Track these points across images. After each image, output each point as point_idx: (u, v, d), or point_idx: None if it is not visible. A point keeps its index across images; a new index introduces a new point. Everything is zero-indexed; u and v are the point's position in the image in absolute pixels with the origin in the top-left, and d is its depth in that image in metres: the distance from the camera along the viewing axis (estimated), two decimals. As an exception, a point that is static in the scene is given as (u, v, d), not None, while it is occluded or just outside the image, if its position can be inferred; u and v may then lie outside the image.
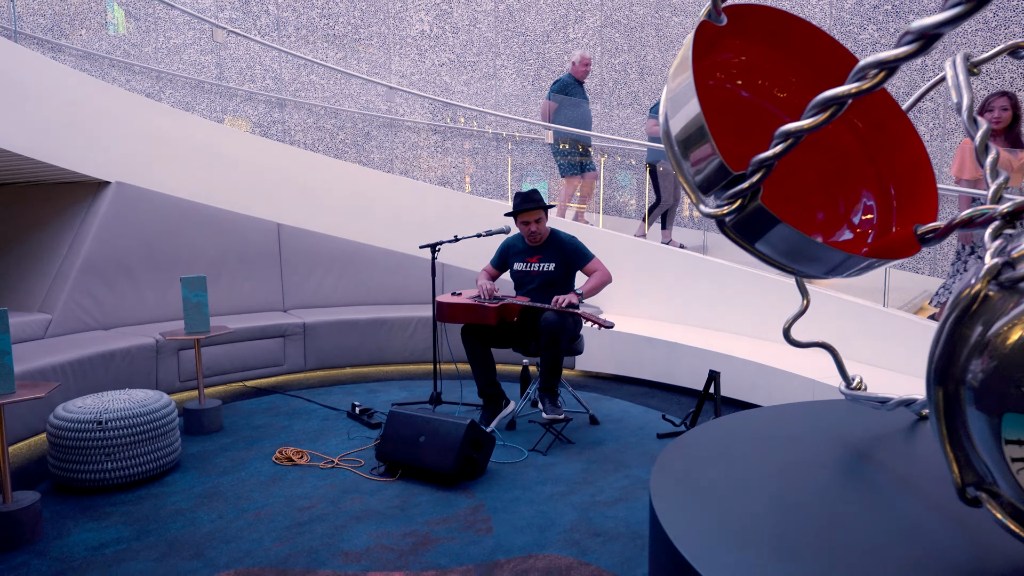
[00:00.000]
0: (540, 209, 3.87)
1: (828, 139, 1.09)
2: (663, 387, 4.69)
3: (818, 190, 1.09)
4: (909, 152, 1.06)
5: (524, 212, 3.87)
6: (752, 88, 1.05)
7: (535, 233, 3.87)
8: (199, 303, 3.75)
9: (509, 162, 7.11)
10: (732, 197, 0.91)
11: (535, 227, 3.85)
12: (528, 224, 3.87)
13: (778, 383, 3.99)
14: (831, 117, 0.75)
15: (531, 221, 3.85)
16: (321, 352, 4.93)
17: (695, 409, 3.75)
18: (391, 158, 7.28)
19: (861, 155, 1.10)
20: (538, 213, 3.86)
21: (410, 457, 3.12)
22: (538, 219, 3.85)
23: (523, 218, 3.88)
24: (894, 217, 1.05)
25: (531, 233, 3.87)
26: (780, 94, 1.05)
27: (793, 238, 0.91)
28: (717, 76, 1.05)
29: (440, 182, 7.24)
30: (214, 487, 3.05)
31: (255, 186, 5.36)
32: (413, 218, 5.67)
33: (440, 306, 3.83)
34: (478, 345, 3.77)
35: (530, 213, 3.86)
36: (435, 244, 4.01)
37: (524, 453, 3.45)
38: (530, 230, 3.87)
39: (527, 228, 3.88)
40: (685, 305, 5.10)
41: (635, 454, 3.46)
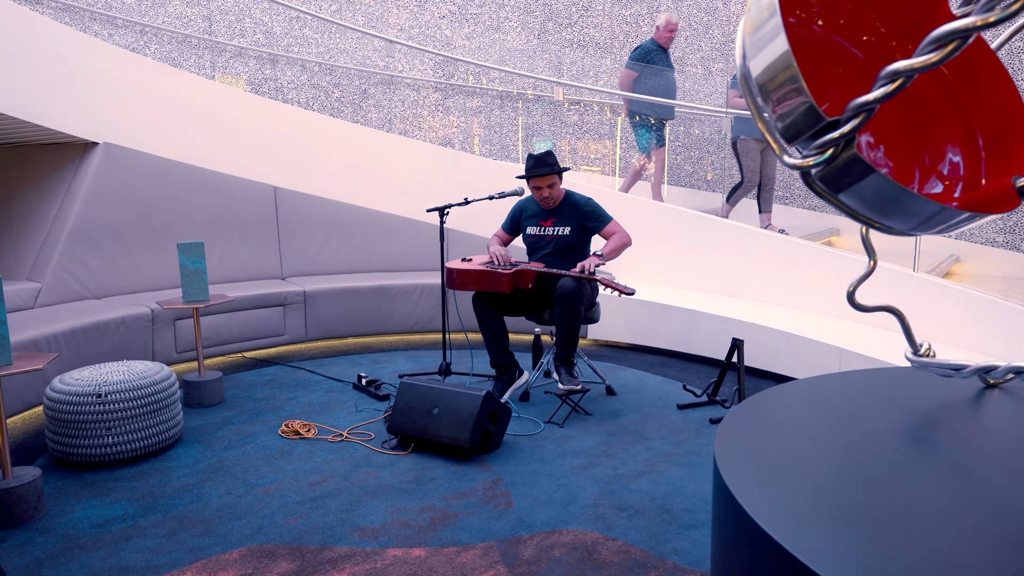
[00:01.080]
0: (555, 175, 3.81)
1: (910, 85, 1.03)
2: (681, 356, 4.69)
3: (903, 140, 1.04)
4: (998, 97, 1.01)
5: (537, 177, 3.81)
6: (835, 30, 1.00)
7: (548, 199, 3.83)
8: (197, 270, 3.71)
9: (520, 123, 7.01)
10: (823, 146, 0.86)
11: (548, 192, 3.81)
12: (540, 190, 3.82)
13: (804, 352, 3.98)
14: (952, 53, 0.70)
15: (544, 187, 3.80)
16: (323, 321, 4.91)
17: (717, 379, 3.75)
18: (389, 117, 7.19)
19: (944, 101, 1.05)
20: (551, 179, 3.81)
21: (423, 430, 3.11)
22: (551, 184, 3.80)
23: (535, 183, 3.83)
24: (983, 169, 1.01)
25: (544, 199, 3.83)
26: (866, 38, 0.99)
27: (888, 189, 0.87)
28: (797, 14, 1.00)
29: (442, 143, 7.15)
30: (220, 462, 3.05)
31: (250, 147, 5.29)
32: (416, 181, 5.61)
33: (450, 273, 3.79)
34: (491, 313, 3.75)
35: (543, 179, 3.80)
36: (444, 207, 3.97)
37: (540, 425, 3.46)
38: (543, 195, 3.82)
39: (539, 194, 3.83)
40: (703, 270, 5.07)
41: (655, 426, 3.46)
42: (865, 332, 4.09)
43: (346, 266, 5.44)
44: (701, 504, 2.65)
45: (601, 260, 3.65)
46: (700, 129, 6.83)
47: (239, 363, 4.56)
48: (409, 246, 5.54)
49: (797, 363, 4.03)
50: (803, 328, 4.13)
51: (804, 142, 0.91)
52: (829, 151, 0.86)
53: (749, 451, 1.14)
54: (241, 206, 5.11)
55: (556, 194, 3.85)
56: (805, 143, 0.91)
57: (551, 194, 3.82)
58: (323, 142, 5.53)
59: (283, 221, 5.29)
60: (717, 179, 6.72)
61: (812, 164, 0.88)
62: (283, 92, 6.94)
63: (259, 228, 5.18)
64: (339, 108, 7.04)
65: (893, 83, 0.77)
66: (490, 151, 7.24)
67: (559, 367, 3.67)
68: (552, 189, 3.81)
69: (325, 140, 5.54)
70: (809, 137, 0.90)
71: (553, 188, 3.82)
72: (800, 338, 4.00)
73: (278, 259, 5.25)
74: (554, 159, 3.85)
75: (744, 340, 3.65)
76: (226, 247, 5.02)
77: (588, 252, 3.95)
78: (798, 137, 0.91)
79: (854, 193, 0.90)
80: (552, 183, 3.81)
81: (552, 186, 3.81)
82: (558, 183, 3.85)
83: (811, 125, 0.87)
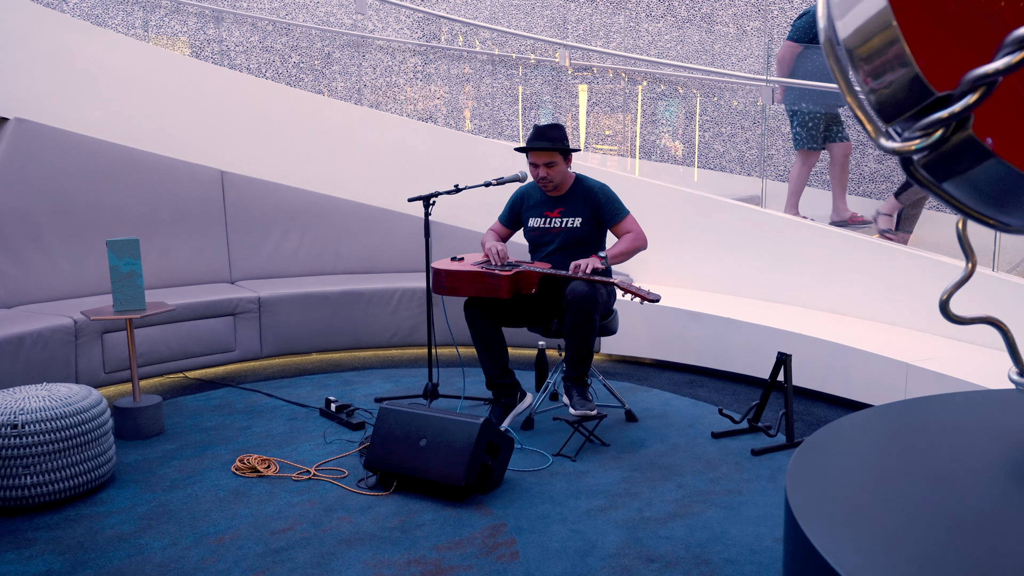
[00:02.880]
0: (555, 151, 3.80)
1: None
2: (715, 374, 4.70)
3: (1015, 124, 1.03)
4: None
5: (534, 151, 3.80)
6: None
7: (545, 181, 3.83)
8: (131, 273, 3.69)
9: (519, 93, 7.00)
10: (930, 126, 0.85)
11: (545, 172, 3.81)
12: (536, 167, 3.82)
13: (863, 368, 3.99)
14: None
15: (540, 164, 3.80)
16: (281, 334, 4.89)
17: (759, 401, 3.75)
18: (359, 87, 7.18)
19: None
20: (551, 157, 3.80)
21: (408, 465, 3.10)
22: (549, 163, 3.80)
23: (532, 158, 3.83)
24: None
25: (541, 180, 3.84)
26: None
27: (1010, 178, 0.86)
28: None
29: (424, 118, 7.15)
30: (161, 505, 3.03)
31: (191, 123, 5.27)
32: (394, 164, 5.60)
33: (437, 275, 3.78)
34: (487, 324, 3.75)
35: (540, 154, 3.80)
36: (429, 196, 3.96)
37: (548, 459, 3.45)
38: (539, 175, 3.82)
39: (535, 172, 3.84)
40: (740, 271, 5.09)
41: (686, 458, 3.47)
42: (937, 345, 4.11)
43: (309, 267, 5.42)
44: (746, 553, 2.65)
45: (603, 263, 3.66)
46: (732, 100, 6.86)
47: (182, 385, 4.53)
48: (386, 243, 5.53)
49: (855, 382, 4.04)
50: (862, 340, 4.14)
51: (905, 121, 0.90)
52: (938, 132, 0.85)
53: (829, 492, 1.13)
54: (182, 195, 5.08)
55: (557, 177, 3.85)
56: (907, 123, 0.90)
57: (549, 175, 3.82)
58: (279, 117, 5.51)
59: (233, 213, 5.26)
60: (753, 160, 6.74)
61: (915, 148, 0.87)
62: (230, 56, 6.91)
63: (204, 221, 5.15)
64: (298, 76, 7.02)
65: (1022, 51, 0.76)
66: (482, 127, 7.24)
67: (569, 388, 3.67)
68: (551, 170, 3.81)
69: (282, 114, 5.52)
70: (912, 116, 0.89)
71: (552, 169, 3.81)
72: (858, 352, 4.01)
73: (227, 259, 5.22)
74: (560, 134, 3.85)
75: (791, 355, 3.65)
76: (165, 245, 4.99)
77: (602, 248, 3.95)
78: (898, 115, 0.90)
79: (965, 183, 0.89)
80: (551, 162, 3.80)
81: (551, 166, 3.80)
82: (560, 164, 3.84)
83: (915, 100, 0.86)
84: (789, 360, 3.62)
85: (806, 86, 5.46)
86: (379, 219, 5.54)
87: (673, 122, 6.24)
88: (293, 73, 7.00)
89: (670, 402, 4.22)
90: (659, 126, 7.02)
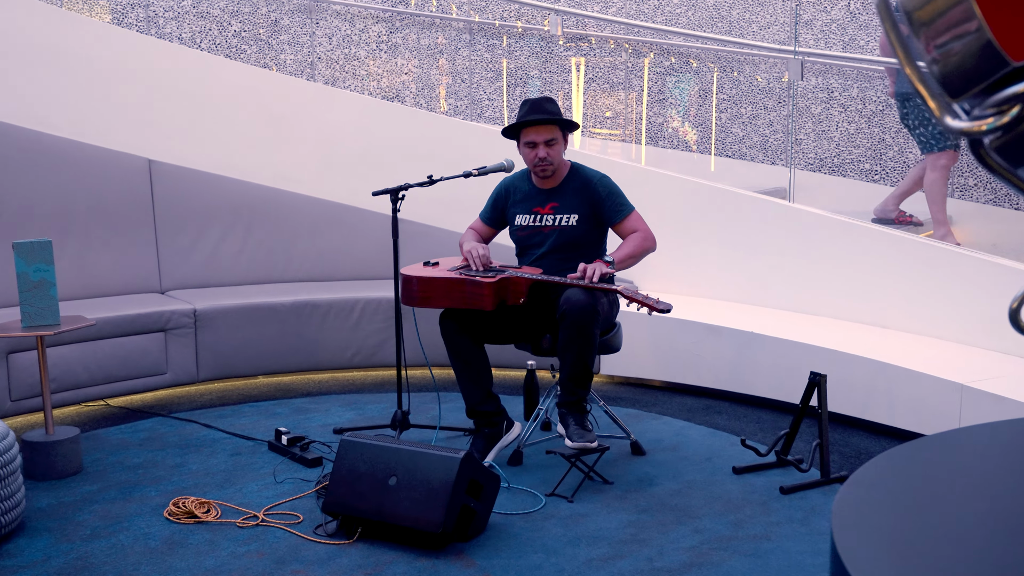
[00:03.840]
0: (555, 125, 3.81)
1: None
2: (735, 399, 4.72)
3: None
4: None
5: (530, 126, 3.80)
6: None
7: (545, 163, 3.83)
8: (43, 282, 3.67)
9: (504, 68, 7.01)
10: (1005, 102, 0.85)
11: (545, 152, 3.81)
12: (535, 148, 3.81)
13: (909, 390, 4.02)
14: None
15: (539, 143, 3.80)
16: (221, 354, 4.88)
17: (789, 430, 3.76)
18: (312, 60, 7.18)
19: None
20: (551, 130, 3.81)
21: (375, 509, 3.10)
22: (550, 140, 3.81)
23: (529, 136, 3.83)
24: None
25: (540, 162, 3.83)
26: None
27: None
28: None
29: (390, 96, 7.15)
30: (81, 558, 3.01)
31: (113, 103, 5.25)
32: (355, 151, 5.60)
33: (407, 283, 3.79)
34: (466, 340, 3.75)
35: (540, 129, 3.80)
36: (397, 189, 3.97)
37: (541, 499, 3.46)
38: (537, 156, 3.82)
39: (532, 154, 3.83)
40: (764, 276, 5.11)
41: (703, 498, 3.48)
42: (996, 363, 4.14)
43: (255, 274, 5.41)
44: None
45: (611, 268, 3.66)
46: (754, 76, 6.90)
47: (103, 415, 4.52)
48: (346, 245, 5.53)
49: (901, 407, 4.07)
50: (908, 357, 4.17)
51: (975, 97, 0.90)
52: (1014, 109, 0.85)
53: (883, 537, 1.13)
54: (103, 188, 5.06)
55: (557, 159, 3.86)
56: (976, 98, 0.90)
57: (549, 155, 3.82)
58: (218, 96, 5.50)
59: (163, 209, 5.24)
60: (779, 146, 6.78)
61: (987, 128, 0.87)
62: (158, 24, 6.90)
63: (129, 220, 5.13)
64: (239, 47, 7.01)
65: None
66: (459, 107, 7.24)
67: (565, 416, 3.67)
68: (552, 149, 3.82)
69: (221, 93, 5.51)
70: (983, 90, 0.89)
71: (553, 148, 3.82)
72: (904, 371, 4.04)
73: (156, 264, 5.20)
74: (557, 108, 3.88)
75: (826, 375, 3.66)
76: (82, 248, 4.97)
77: (604, 252, 3.96)
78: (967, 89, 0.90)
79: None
80: (553, 139, 3.81)
81: (552, 144, 3.81)
82: (561, 142, 3.86)
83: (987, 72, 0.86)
84: (823, 381, 3.64)
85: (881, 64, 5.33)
86: (338, 217, 5.53)
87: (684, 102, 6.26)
88: (234, 44, 6.99)
89: (684, 432, 4.23)
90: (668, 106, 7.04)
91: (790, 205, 5.18)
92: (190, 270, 5.29)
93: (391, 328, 5.00)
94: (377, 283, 5.37)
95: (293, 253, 5.49)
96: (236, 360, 4.94)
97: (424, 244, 5.35)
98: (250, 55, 7.01)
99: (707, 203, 5.27)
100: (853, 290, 4.84)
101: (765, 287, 5.11)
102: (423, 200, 5.20)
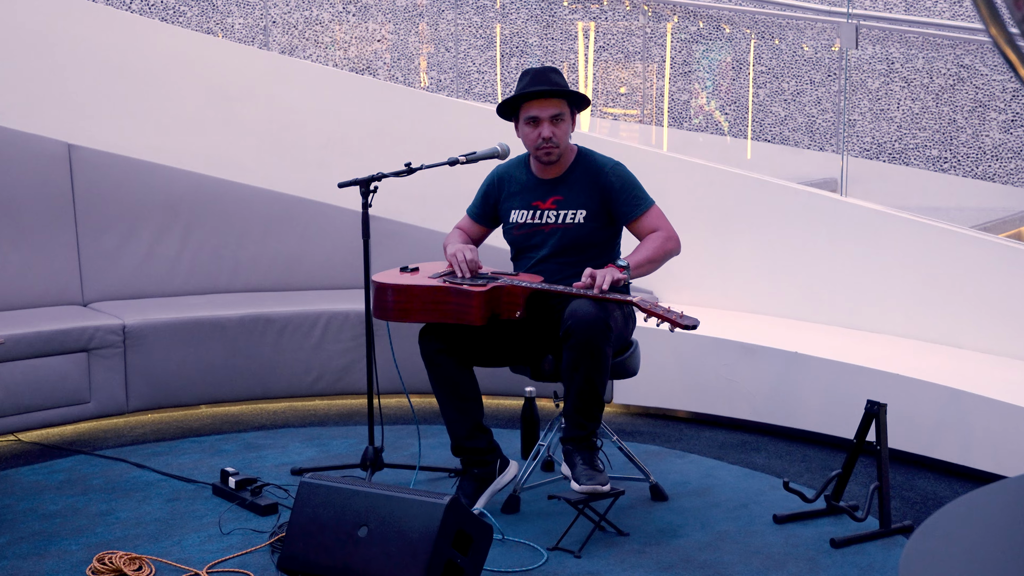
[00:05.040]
0: (563, 99, 3.84)
1: None
2: (775, 432, 4.72)
3: None
4: None
5: (533, 100, 3.82)
6: None
7: (550, 144, 3.84)
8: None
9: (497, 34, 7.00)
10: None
11: (551, 131, 3.82)
12: (538, 124, 3.82)
13: (985, 423, 4.04)
14: None
15: (543, 119, 3.81)
16: (156, 379, 4.88)
17: (840, 471, 3.77)
18: (264, 24, 7.18)
19: None
20: (558, 104, 3.83)
21: (342, 564, 3.09)
22: (556, 116, 3.82)
23: (531, 110, 3.84)
24: None
25: (544, 143, 3.83)
26: None
27: None
28: None
29: (359, 69, 7.16)
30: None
31: (23, 77, 5.25)
32: (317, 134, 5.62)
33: (381, 292, 3.80)
34: (451, 362, 3.76)
35: (545, 103, 3.81)
36: (369, 180, 3.97)
37: (543, 554, 3.46)
38: (541, 136, 3.82)
39: (535, 133, 3.84)
40: (808, 286, 5.12)
41: (739, 553, 3.49)
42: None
43: (196, 282, 5.41)
44: None
45: (625, 275, 3.67)
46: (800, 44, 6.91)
47: (14, 452, 4.51)
48: (307, 247, 5.54)
49: (976, 443, 4.08)
50: (986, 383, 4.17)
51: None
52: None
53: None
54: (12, 179, 5.07)
55: (563, 140, 3.88)
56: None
57: (555, 135, 3.83)
58: (152, 67, 5.50)
59: (85, 204, 5.25)
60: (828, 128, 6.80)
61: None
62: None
63: (44, 216, 5.14)
64: (178, 8, 7.02)
65: None
66: (442, 82, 7.25)
67: (571, 454, 3.66)
68: (558, 128, 3.83)
69: (156, 64, 5.51)
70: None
71: (560, 126, 3.84)
72: (981, 400, 4.04)
73: (77, 270, 5.21)
74: (564, 80, 3.91)
75: (886, 405, 3.67)
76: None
77: (616, 254, 3.98)
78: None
79: None
80: (559, 114, 3.83)
81: (559, 121, 3.83)
82: (569, 120, 3.88)
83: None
84: (883, 412, 3.64)
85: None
86: (296, 213, 5.54)
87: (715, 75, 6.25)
88: (172, 5, 7.00)
89: (714, 472, 4.22)
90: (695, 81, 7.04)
91: (842, 199, 5.18)
92: (118, 278, 5.29)
93: (361, 348, 4.98)
94: (344, 293, 5.36)
95: (242, 257, 5.49)
96: (174, 386, 4.93)
97: (401, 246, 5.36)
98: (191, 18, 7.00)
99: (742, 197, 5.28)
100: (918, 302, 4.84)
101: (812, 299, 5.12)
102: (400, 193, 5.22)
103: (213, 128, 5.57)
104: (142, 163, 5.40)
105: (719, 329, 4.86)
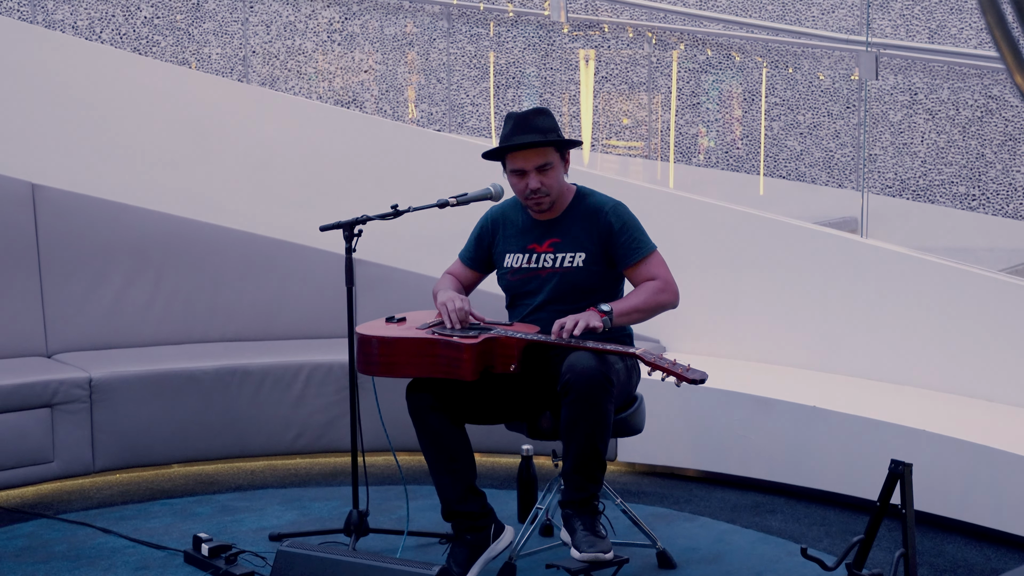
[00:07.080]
0: (550, 147, 3.85)
1: None
2: (792, 493, 4.71)
3: None
4: None
5: (516, 150, 3.84)
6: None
7: (539, 195, 3.87)
8: None
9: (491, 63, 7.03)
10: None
11: (538, 182, 3.84)
12: (524, 177, 3.85)
13: (1018, 483, 4.02)
14: None
15: (529, 170, 3.83)
16: (125, 436, 4.88)
17: (863, 536, 3.74)
18: (243, 54, 7.22)
19: None
20: (543, 154, 3.84)
21: (321, 643, 3.08)
22: (543, 167, 3.84)
23: (515, 162, 3.86)
24: None
25: (531, 195, 3.86)
26: None
27: None
28: None
29: (344, 101, 7.19)
30: None
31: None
32: (299, 172, 5.65)
33: (366, 344, 3.81)
34: (442, 419, 3.76)
35: (528, 154, 3.83)
36: (353, 223, 3.98)
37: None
38: (527, 187, 3.85)
39: (522, 184, 3.87)
40: (827, 336, 5.11)
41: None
42: None
43: (168, 332, 5.43)
44: None
45: (602, 323, 3.65)
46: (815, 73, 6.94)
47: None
48: (287, 294, 5.57)
49: (1010, 505, 4.05)
50: (1019, 439, 4.16)
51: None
52: None
53: None
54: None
55: (555, 187, 3.89)
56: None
57: (544, 186, 3.85)
58: (122, 101, 5.54)
59: (50, 248, 5.27)
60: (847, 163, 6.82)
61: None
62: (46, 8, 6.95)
63: (4, 261, 5.16)
64: (151, 37, 7.06)
65: None
66: (433, 116, 7.29)
67: (571, 518, 3.65)
68: (546, 177, 3.85)
69: (126, 97, 5.55)
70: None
71: (548, 176, 3.85)
72: (1015, 458, 4.03)
73: (40, 318, 5.22)
74: (551, 122, 3.91)
75: (912, 464, 3.65)
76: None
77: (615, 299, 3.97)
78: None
79: None
80: (546, 164, 3.84)
81: (546, 171, 3.84)
82: (559, 166, 3.90)
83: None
84: (909, 472, 3.62)
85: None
86: (276, 256, 5.56)
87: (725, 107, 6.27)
88: (144, 33, 7.04)
89: (726, 537, 4.21)
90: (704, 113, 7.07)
91: (862, 240, 5.19)
92: (84, 327, 5.30)
93: (345, 402, 4.98)
94: (327, 343, 5.37)
95: (217, 304, 5.50)
96: (144, 444, 4.92)
97: (388, 292, 5.38)
98: (165, 48, 7.05)
99: (754, 238, 5.29)
100: (946, 351, 4.84)
101: (830, 348, 5.12)
102: (387, 235, 5.21)
103: (187, 166, 5.58)
104: (111, 204, 5.42)
105: (730, 381, 4.85)
